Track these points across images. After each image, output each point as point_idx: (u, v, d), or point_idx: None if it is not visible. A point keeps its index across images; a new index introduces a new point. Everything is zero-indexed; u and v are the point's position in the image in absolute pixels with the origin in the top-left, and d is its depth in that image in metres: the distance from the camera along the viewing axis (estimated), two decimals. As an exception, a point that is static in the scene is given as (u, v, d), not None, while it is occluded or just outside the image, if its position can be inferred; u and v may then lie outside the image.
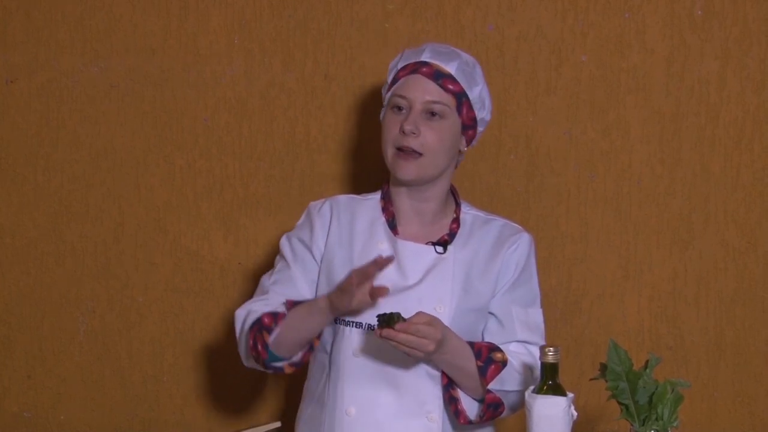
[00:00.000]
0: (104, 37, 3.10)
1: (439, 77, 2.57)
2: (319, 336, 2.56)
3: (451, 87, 2.58)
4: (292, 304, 2.57)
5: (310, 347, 2.56)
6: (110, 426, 3.16)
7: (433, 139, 2.56)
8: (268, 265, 3.01)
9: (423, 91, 2.57)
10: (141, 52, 3.09)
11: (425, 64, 2.59)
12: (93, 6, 3.10)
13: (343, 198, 2.69)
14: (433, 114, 2.57)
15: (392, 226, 2.63)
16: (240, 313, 2.62)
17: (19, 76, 3.13)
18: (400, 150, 2.56)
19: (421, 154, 2.56)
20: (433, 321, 2.40)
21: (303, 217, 2.70)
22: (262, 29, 3.06)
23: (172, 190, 3.11)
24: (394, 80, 2.62)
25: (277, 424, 2.65)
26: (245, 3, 3.06)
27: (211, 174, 3.10)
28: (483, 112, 2.64)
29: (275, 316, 2.54)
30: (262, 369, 2.60)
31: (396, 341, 2.37)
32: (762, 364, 3.00)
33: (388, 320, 2.37)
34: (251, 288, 3.08)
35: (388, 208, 2.65)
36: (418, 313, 2.40)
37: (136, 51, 3.09)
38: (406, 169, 2.56)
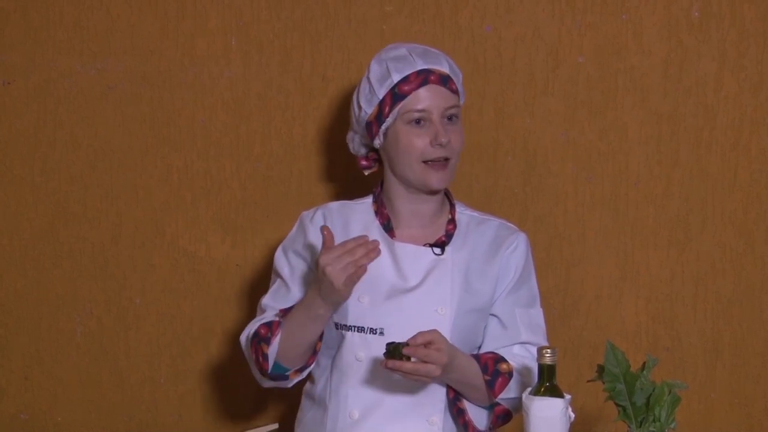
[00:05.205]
0: (102, 38, 3.10)
1: (446, 81, 2.57)
2: (321, 338, 2.56)
3: (454, 87, 2.59)
4: (285, 313, 2.58)
5: (314, 351, 2.57)
6: (107, 428, 3.16)
7: (456, 142, 2.57)
8: (265, 267, 3.01)
9: (440, 100, 2.55)
10: (138, 53, 3.09)
11: (430, 71, 2.57)
12: (90, 7, 3.10)
13: (335, 205, 2.68)
14: (450, 118, 2.58)
15: (388, 229, 2.63)
16: (242, 338, 2.63)
17: (16, 77, 3.13)
18: (430, 161, 2.56)
19: (449, 159, 2.57)
20: (436, 340, 2.39)
21: (296, 228, 2.69)
22: (260, 30, 3.05)
23: (169, 192, 3.11)
24: (397, 96, 2.56)
25: (275, 426, 2.65)
26: (243, 4, 3.05)
27: (209, 175, 3.10)
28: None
29: (270, 325, 2.55)
30: (273, 384, 2.60)
31: (403, 371, 2.37)
32: (759, 366, 3.00)
33: (393, 351, 2.36)
34: (249, 289, 3.08)
35: (381, 211, 2.65)
36: (420, 333, 2.39)
37: (133, 52, 3.09)
38: (440, 179, 2.56)
